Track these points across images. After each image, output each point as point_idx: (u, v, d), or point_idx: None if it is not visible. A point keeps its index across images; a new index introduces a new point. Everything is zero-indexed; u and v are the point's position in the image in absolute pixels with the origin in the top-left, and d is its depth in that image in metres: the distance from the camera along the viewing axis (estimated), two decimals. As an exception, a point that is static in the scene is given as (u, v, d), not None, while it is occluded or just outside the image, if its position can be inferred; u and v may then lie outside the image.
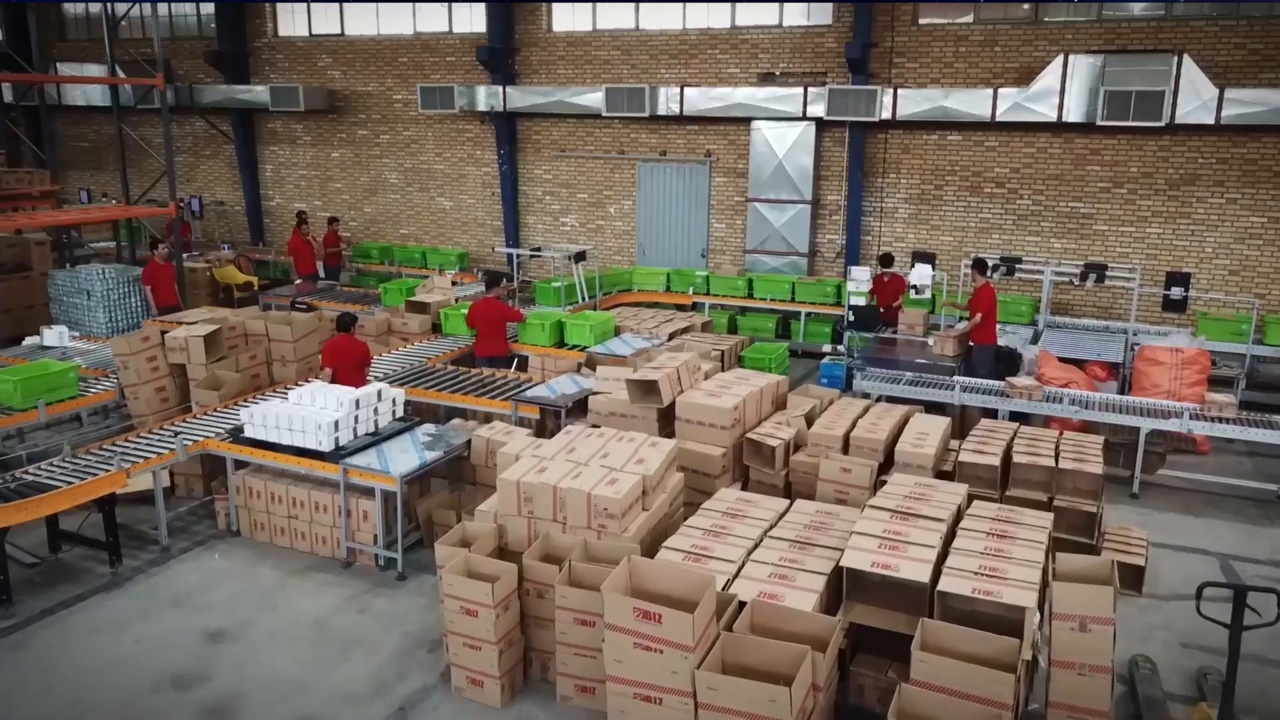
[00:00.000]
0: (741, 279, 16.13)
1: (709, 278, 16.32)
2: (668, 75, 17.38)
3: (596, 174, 18.46)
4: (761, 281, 15.98)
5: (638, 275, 16.82)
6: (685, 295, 16.50)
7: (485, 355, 12.50)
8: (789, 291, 15.74)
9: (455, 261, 18.43)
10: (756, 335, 15.74)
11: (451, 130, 19.52)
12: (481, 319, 12.49)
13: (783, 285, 15.77)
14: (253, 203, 21.75)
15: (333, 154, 20.88)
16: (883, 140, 16.13)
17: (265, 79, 20.90)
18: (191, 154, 22.52)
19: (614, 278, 16.84)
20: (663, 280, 16.61)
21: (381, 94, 20.03)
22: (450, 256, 18.58)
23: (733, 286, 16.11)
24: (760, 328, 16.03)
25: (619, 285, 16.91)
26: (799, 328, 15.92)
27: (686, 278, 16.47)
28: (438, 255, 18.73)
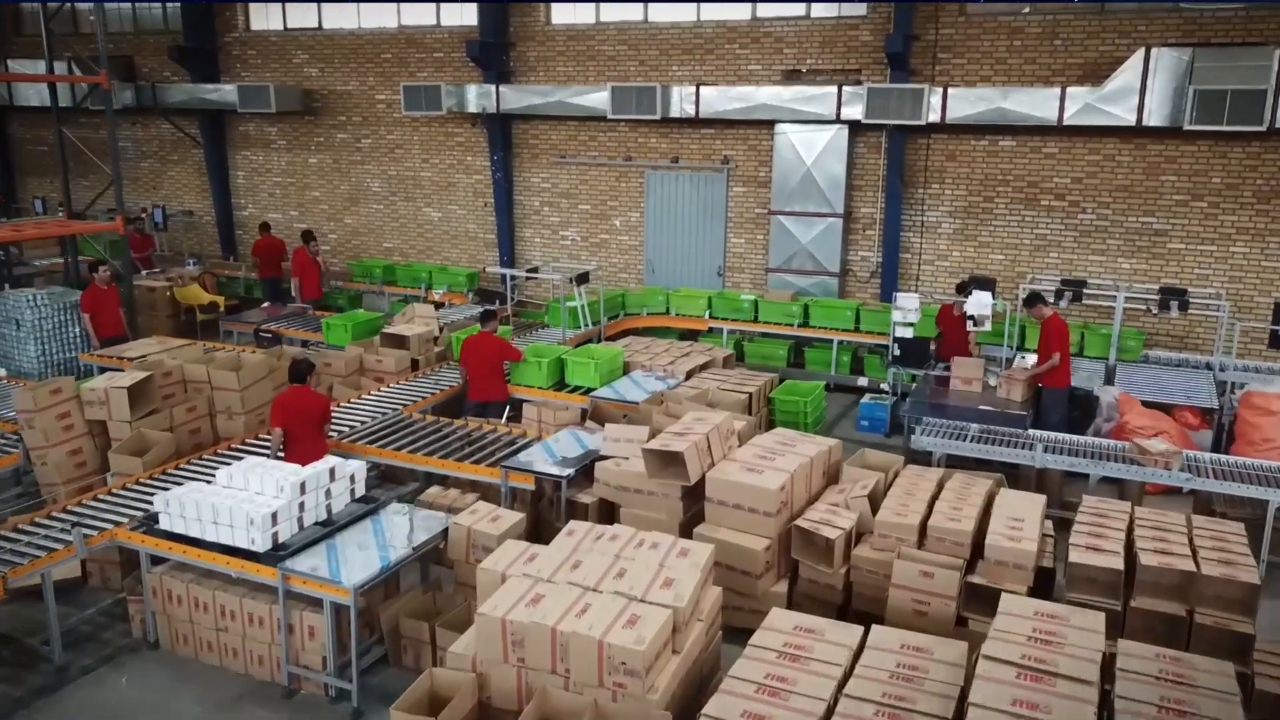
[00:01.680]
0: (795, 304, 14.12)
1: (758, 302, 14.37)
2: (680, 73, 15.53)
3: (600, 183, 16.61)
4: (821, 308, 14.02)
5: (675, 298, 14.86)
6: (700, 320, 14.64)
7: (480, 399, 10.67)
8: (852, 320, 13.80)
9: (464, 282, 16.54)
10: (767, 364, 13.95)
11: (439, 134, 17.66)
12: (476, 358, 10.66)
13: (843, 312, 13.83)
14: (223, 212, 19.88)
15: (310, 159, 19.02)
16: (925, 146, 14.27)
17: (236, 77, 19.04)
18: (157, 159, 20.65)
19: (633, 299, 15.00)
20: (703, 304, 14.62)
21: (363, 94, 18.16)
22: (459, 276, 16.71)
23: (786, 313, 14.12)
24: (769, 355, 14.21)
25: (629, 308, 15.07)
26: (827, 357, 14.08)
27: (731, 302, 14.51)
28: (444, 275, 16.82)
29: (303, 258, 15.36)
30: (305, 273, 15.41)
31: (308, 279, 15.44)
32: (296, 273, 15.37)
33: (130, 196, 20.88)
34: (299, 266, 15.35)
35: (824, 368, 14.32)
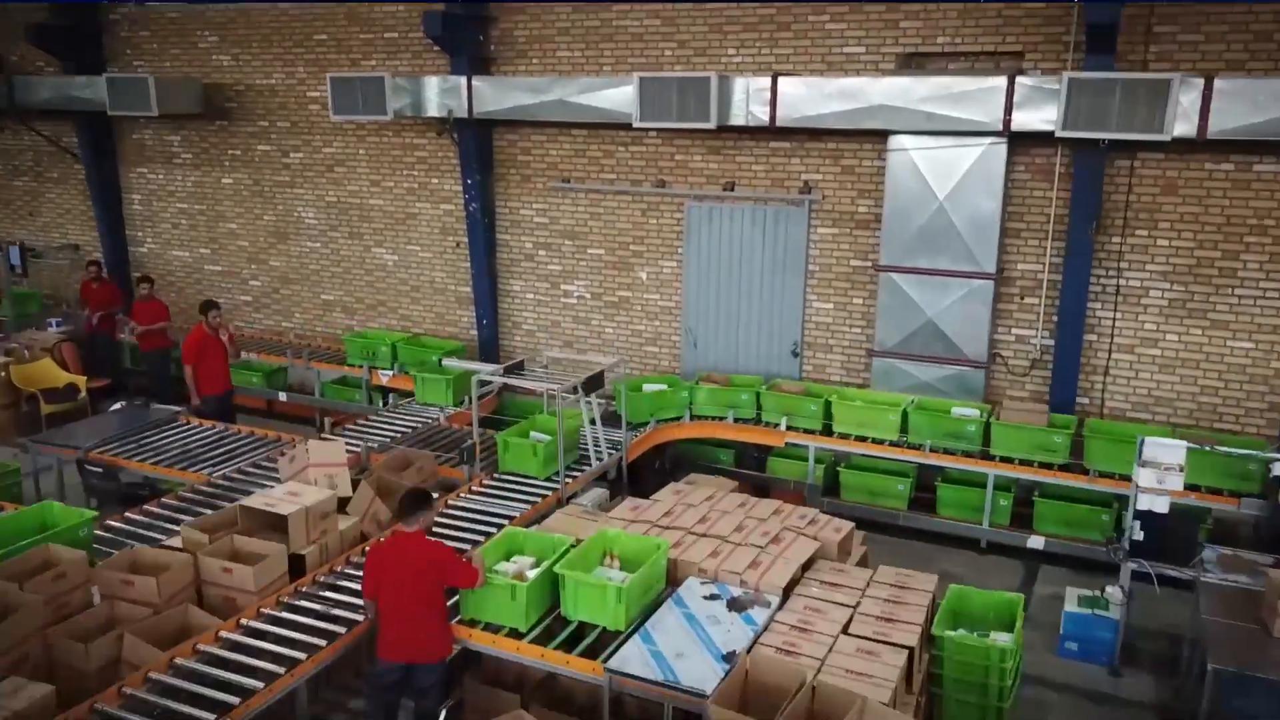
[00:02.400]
0: (1061, 436, 8.98)
1: (861, 404, 9.46)
2: (741, 59, 10.44)
3: (620, 218, 11.52)
4: (971, 425, 9.03)
5: (732, 397, 10.07)
6: (771, 431, 9.60)
7: (400, 659, 5.68)
8: (1028, 444, 8.98)
9: (390, 352, 11.62)
10: (875, 503, 9.15)
11: (393, 147, 12.59)
12: (394, 582, 5.68)
13: (1020, 435, 8.96)
14: (114, 249, 14.85)
15: (223, 179, 13.97)
16: (1128, 171, 9.15)
17: (127, 67, 14.02)
18: (33, 176, 15.63)
19: (668, 401, 9.99)
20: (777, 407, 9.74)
21: (289, 90, 13.11)
22: (455, 349, 11.88)
23: (1041, 444, 8.94)
24: (879, 490, 9.40)
25: (663, 409, 10.02)
26: (975, 499, 9.05)
27: (813, 403, 9.55)
28: (412, 347, 11.91)
29: (200, 340, 10.29)
30: (204, 358, 10.36)
31: (207, 366, 10.39)
32: (190, 359, 10.29)
33: (1, 227, 15.89)
34: (194, 351, 10.27)
35: (968, 514, 9.24)
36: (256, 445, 9.24)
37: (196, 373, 10.32)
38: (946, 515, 9.39)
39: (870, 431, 9.41)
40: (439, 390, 10.38)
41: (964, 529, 9.27)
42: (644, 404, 10.03)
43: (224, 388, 10.72)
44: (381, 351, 11.75)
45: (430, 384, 10.46)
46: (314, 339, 13.60)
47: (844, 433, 9.54)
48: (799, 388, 10.10)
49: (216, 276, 14.38)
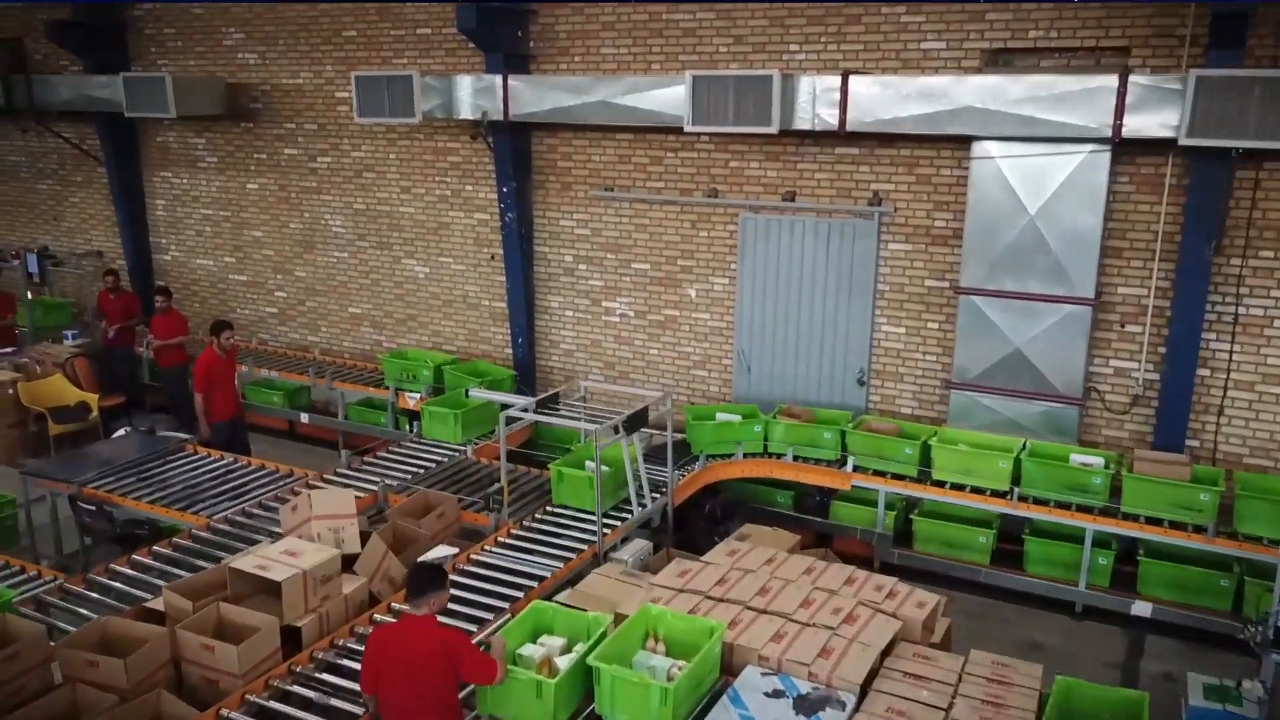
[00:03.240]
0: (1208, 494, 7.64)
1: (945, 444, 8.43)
2: (803, 57, 9.41)
3: (668, 230, 10.54)
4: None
5: (790, 432, 8.99)
6: (835, 473, 8.56)
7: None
8: None
9: (506, 382, 10.82)
10: (956, 555, 8.14)
11: (425, 151, 11.73)
12: (402, 674, 4.79)
13: None
14: (136, 257, 14.18)
15: (248, 184, 13.22)
16: (1251, 184, 7.97)
17: (151, 65, 13.33)
18: (58, 180, 15.03)
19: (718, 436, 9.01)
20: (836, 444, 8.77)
21: (317, 90, 12.31)
22: (502, 378, 10.86)
23: (1183, 502, 7.68)
24: (960, 541, 8.38)
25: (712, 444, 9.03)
26: (1069, 555, 7.96)
27: (889, 443, 8.58)
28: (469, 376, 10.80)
29: (210, 363, 9.52)
30: (215, 383, 9.59)
31: (218, 390, 9.63)
32: (200, 384, 9.50)
33: (25, 232, 15.33)
34: (205, 375, 9.48)
35: (1061, 573, 8.14)
36: (267, 480, 8.40)
37: (208, 399, 9.53)
38: (1036, 573, 8.28)
39: (975, 480, 8.26)
40: (446, 426, 9.33)
41: (1057, 590, 8.15)
42: (708, 435, 9.04)
43: (234, 412, 9.94)
44: (422, 375, 10.81)
45: (437, 418, 9.42)
46: (341, 355, 12.80)
47: (940, 480, 8.42)
48: (890, 427, 8.96)
49: (241, 287, 13.64)
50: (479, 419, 9.43)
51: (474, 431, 9.42)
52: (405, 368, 10.99)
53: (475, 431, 9.44)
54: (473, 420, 9.38)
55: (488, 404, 8.87)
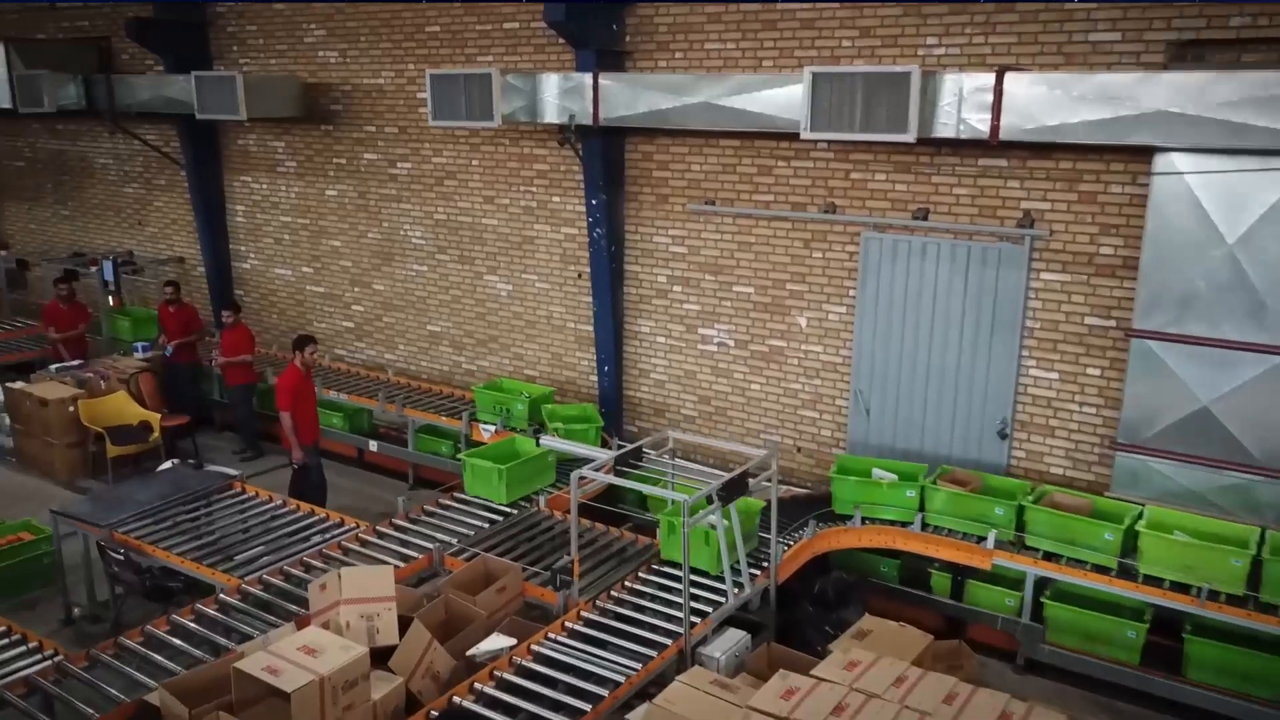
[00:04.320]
0: None
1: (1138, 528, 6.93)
2: (943, 52, 7.99)
3: (776, 249, 9.24)
4: None
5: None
6: (976, 550, 7.11)
7: None
8: None
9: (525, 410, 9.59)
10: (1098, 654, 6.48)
11: (510, 158, 10.69)
12: None
13: None
14: (215, 264, 13.57)
15: (327, 191, 12.43)
16: None
17: (233, 64, 12.69)
18: (142, 183, 14.59)
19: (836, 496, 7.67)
20: (986, 514, 7.36)
21: (398, 90, 11.41)
22: (587, 424, 9.54)
23: None
24: (1108, 638, 6.78)
25: (896, 506, 7.71)
26: (1247, 663, 6.38)
27: (1046, 516, 7.15)
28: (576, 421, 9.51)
29: (296, 381, 8.73)
30: (300, 399, 8.78)
31: (303, 411, 8.83)
32: (286, 403, 8.69)
33: (111, 237, 14.96)
34: (291, 394, 8.70)
35: (1234, 683, 6.58)
36: (314, 530, 7.46)
37: (294, 419, 8.74)
38: (1200, 681, 6.68)
39: (1196, 578, 6.62)
40: (489, 483, 7.86)
41: (1228, 705, 6.55)
42: (850, 493, 7.69)
43: (316, 435, 9.15)
44: (517, 411, 9.59)
45: (478, 473, 7.95)
46: (418, 376, 11.89)
47: (1151, 575, 6.82)
48: (1082, 503, 7.37)
49: (318, 299, 12.88)
50: (532, 472, 8.03)
51: (525, 489, 7.99)
52: (499, 400, 9.78)
53: (527, 488, 8.01)
54: (524, 476, 7.96)
55: (542, 455, 7.68)
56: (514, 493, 7.80)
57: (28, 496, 10.12)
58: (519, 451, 8.23)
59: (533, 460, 7.94)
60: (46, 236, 16.13)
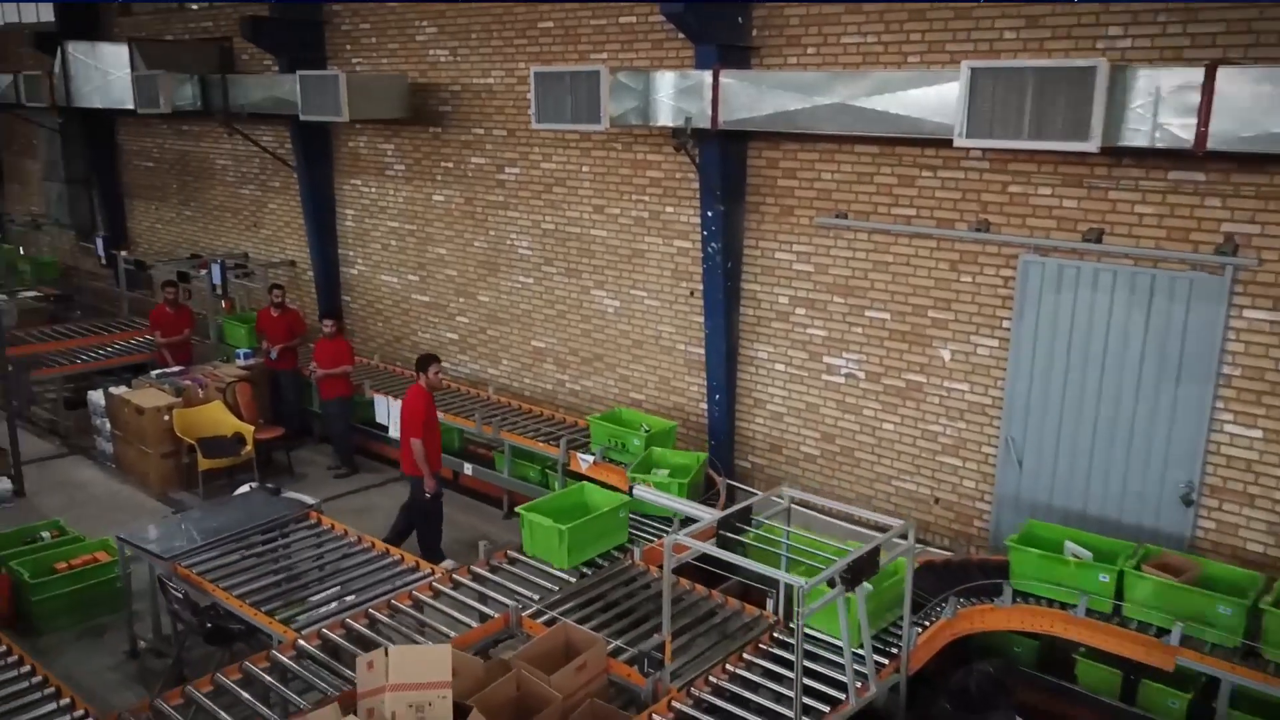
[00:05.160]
0: None
1: None
2: (1128, 45, 6.71)
3: (917, 270, 8.09)
4: None
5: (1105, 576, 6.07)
6: (1156, 647, 5.79)
7: None
8: None
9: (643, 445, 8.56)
10: None
11: (620, 163, 9.85)
12: None
13: None
14: (324, 269, 13.23)
15: (435, 196, 11.88)
16: None
17: (346, 64, 12.30)
18: (258, 185, 14.43)
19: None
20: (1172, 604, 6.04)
21: (508, 90, 10.73)
22: (666, 432, 8.82)
23: None
24: None
25: (1086, 587, 6.50)
26: None
27: None
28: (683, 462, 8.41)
29: (424, 403, 8.23)
30: (429, 430, 8.29)
31: (431, 434, 8.36)
32: (416, 428, 8.14)
33: (229, 238, 14.89)
34: (421, 417, 8.15)
35: None
36: (390, 574, 6.76)
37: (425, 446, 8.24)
38: None
39: None
40: (549, 543, 6.61)
41: None
42: (1030, 568, 6.42)
43: (440, 462, 8.59)
44: (633, 447, 8.58)
45: (538, 531, 6.70)
46: (519, 394, 11.19)
47: None
48: None
49: (423, 308, 12.35)
50: (600, 532, 6.78)
51: (592, 550, 6.76)
52: (614, 434, 8.81)
53: (595, 550, 6.79)
54: (591, 536, 6.70)
55: (613, 510, 6.69)
56: (578, 556, 6.64)
57: (119, 507, 9.87)
58: (588, 505, 7.14)
59: (602, 518, 6.81)
60: (170, 237, 16.24)
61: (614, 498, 6.96)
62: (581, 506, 7.07)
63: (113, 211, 17.05)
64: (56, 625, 7.53)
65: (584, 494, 7.17)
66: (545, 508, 6.88)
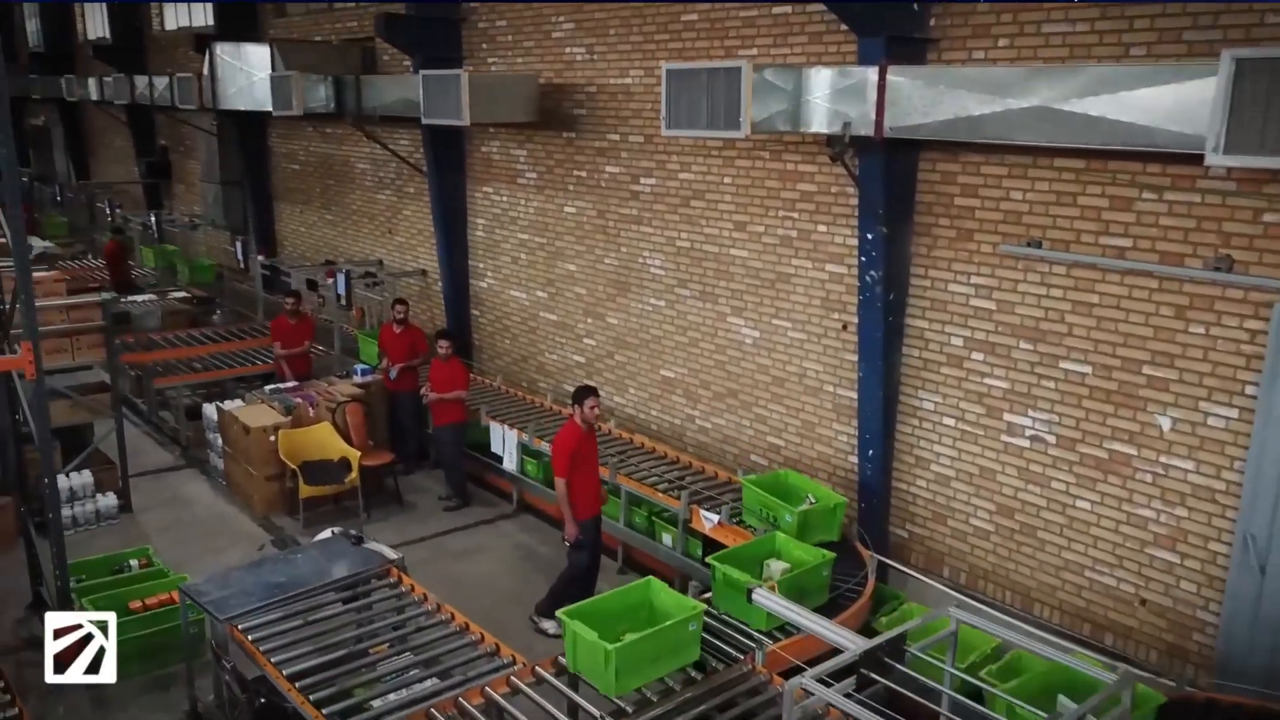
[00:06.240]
0: None
1: None
2: None
3: (1129, 314, 6.47)
4: None
5: None
6: None
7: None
8: None
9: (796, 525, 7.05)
10: None
11: (767, 174, 8.58)
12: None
13: None
14: (453, 281, 12.52)
15: (566, 207, 10.94)
16: None
17: (480, 64, 11.54)
18: (394, 190, 13.93)
19: None
20: None
21: (647, 91, 9.64)
22: (826, 512, 7.29)
23: None
24: None
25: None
26: None
27: None
28: None
29: (576, 441, 7.38)
30: (580, 463, 7.43)
31: (583, 476, 7.48)
32: (563, 467, 7.32)
33: (365, 244, 14.50)
34: (569, 456, 7.32)
35: None
36: (463, 658, 5.74)
37: (572, 488, 7.31)
38: None
39: None
40: (593, 660, 5.11)
41: None
42: None
43: (597, 508, 7.67)
44: (785, 522, 7.05)
45: (582, 646, 5.17)
46: (646, 428, 10.10)
47: None
48: None
49: (551, 327, 11.44)
50: (662, 650, 5.23)
51: (651, 674, 5.24)
52: (767, 505, 7.29)
53: (654, 673, 5.26)
54: (648, 657, 5.16)
55: (682, 623, 5.30)
56: (631, 680, 5.12)
57: (218, 531, 9.37)
58: (654, 608, 5.62)
59: (664, 633, 5.24)
60: (312, 240, 16.05)
61: (685, 604, 5.52)
62: (644, 611, 5.67)
63: (262, 214, 17.05)
64: (125, 671, 6.90)
65: (649, 592, 5.76)
66: (594, 612, 5.47)
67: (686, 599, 5.67)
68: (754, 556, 6.44)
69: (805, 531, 6.92)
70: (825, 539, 7.06)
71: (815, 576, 6.25)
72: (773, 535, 6.70)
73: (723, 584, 6.00)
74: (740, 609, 5.87)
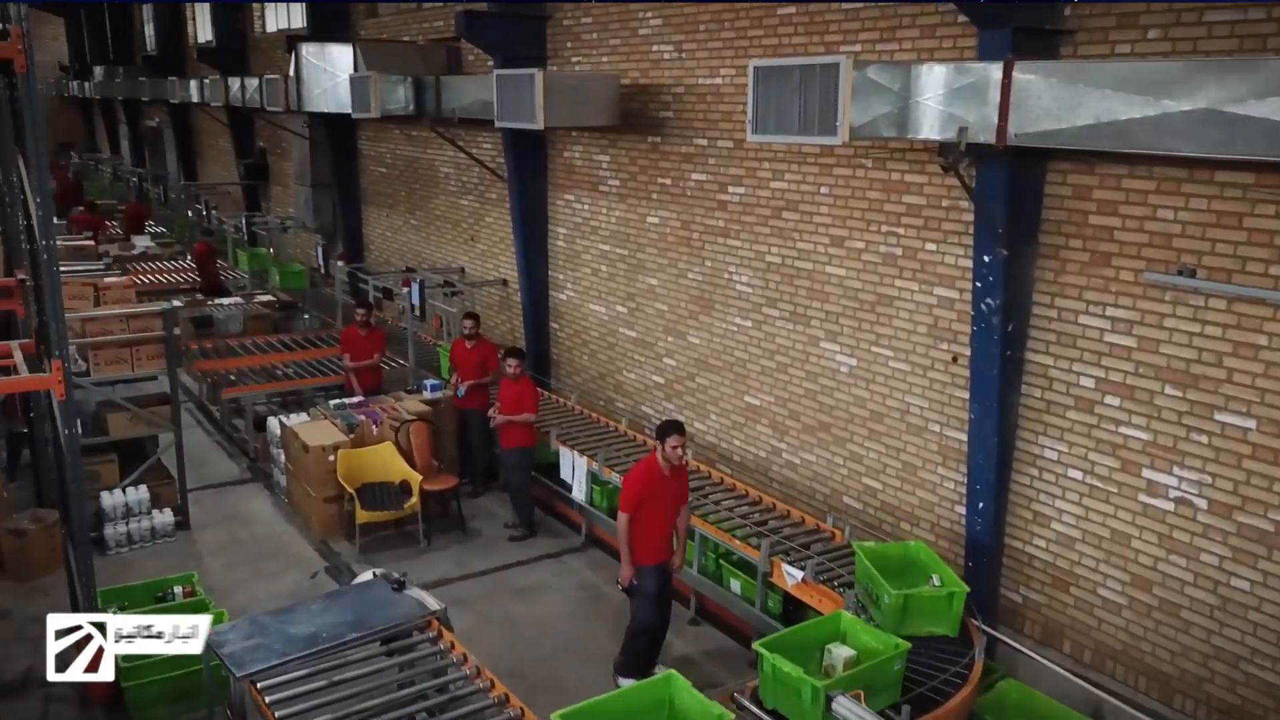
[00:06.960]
0: None
1: None
2: None
3: (1308, 364, 5.35)
4: None
5: None
6: None
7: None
8: None
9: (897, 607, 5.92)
10: None
11: (869, 185, 7.64)
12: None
13: None
14: (532, 292, 11.89)
15: (649, 217, 10.18)
16: None
17: (565, 64, 10.90)
18: (476, 196, 13.41)
19: None
20: None
21: (737, 92, 8.80)
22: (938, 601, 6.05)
23: None
24: None
25: None
26: None
27: None
28: None
29: (649, 478, 6.70)
30: (649, 503, 6.70)
31: (648, 518, 6.72)
32: (626, 503, 6.67)
33: (447, 251, 14.07)
34: (636, 495, 6.65)
35: None
36: None
37: (633, 529, 6.61)
38: None
39: None
40: None
41: None
42: None
43: (665, 555, 6.87)
44: (885, 602, 5.90)
45: None
46: (728, 458, 9.28)
47: None
48: None
49: (630, 344, 10.70)
50: None
51: None
52: (871, 582, 6.11)
53: None
54: None
55: None
56: None
57: (273, 553, 8.93)
58: (676, 711, 4.79)
59: None
60: (397, 245, 15.73)
61: (710, 711, 4.61)
62: (662, 712, 4.79)
63: (350, 217, 16.82)
64: (152, 715, 6.46)
65: (670, 689, 4.89)
66: (602, 713, 4.64)
67: (712, 704, 4.75)
68: (814, 640, 5.51)
69: (908, 619, 5.94)
70: (937, 632, 6.05)
71: (885, 671, 5.29)
72: (837, 615, 5.75)
73: (771, 679, 5.10)
74: (794, 709, 4.96)
